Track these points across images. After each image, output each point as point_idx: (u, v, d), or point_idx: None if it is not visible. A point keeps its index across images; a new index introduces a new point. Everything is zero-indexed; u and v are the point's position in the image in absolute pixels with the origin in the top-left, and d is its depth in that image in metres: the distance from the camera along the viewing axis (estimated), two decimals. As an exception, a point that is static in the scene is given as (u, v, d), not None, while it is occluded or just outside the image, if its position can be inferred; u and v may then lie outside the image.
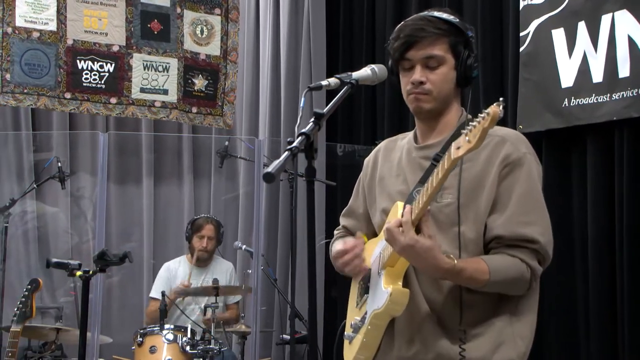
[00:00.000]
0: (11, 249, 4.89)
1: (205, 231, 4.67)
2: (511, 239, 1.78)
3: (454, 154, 1.57)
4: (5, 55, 4.75)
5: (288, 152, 1.62)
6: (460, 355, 1.76)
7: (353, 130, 5.22)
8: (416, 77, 1.85)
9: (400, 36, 1.87)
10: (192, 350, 3.88)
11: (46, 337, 3.99)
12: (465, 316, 1.79)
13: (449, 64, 1.86)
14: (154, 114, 5.24)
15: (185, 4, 5.28)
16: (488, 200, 1.79)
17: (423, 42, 1.84)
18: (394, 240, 1.72)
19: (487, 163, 1.81)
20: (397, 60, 1.89)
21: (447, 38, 1.85)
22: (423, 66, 1.85)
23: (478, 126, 1.51)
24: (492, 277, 1.74)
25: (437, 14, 1.87)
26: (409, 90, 1.88)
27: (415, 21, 1.87)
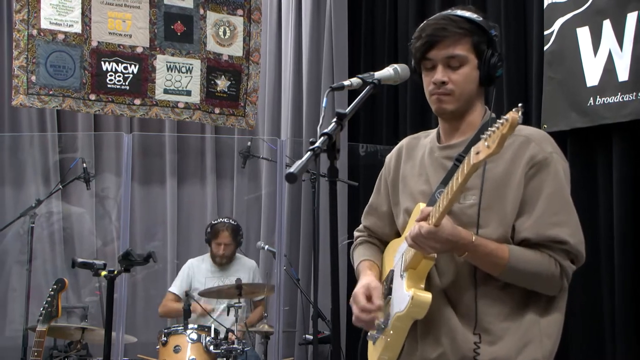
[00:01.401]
0: (37, 249, 4.94)
1: (221, 238, 4.68)
2: (540, 241, 1.76)
3: (473, 159, 1.56)
4: (30, 57, 4.81)
5: (310, 153, 1.62)
6: (475, 352, 1.74)
7: (375, 130, 5.21)
8: (438, 77, 1.83)
9: (422, 36, 1.85)
10: (216, 349, 3.90)
11: (72, 337, 4.02)
12: (486, 316, 1.78)
13: (471, 64, 1.84)
14: (177, 115, 5.27)
15: (208, 5, 5.31)
16: (514, 201, 1.77)
17: (445, 41, 1.82)
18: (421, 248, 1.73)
19: (512, 164, 1.79)
20: (419, 60, 1.88)
21: (470, 37, 1.83)
22: (445, 66, 1.83)
23: (497, 132, 1.49)
24: (511, 261, 1.73)
25: (460, 13, 1.85)
26: (431, 91, 1.86)
27: (437, 20, 1.85)
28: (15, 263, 5.10)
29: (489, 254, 1.73)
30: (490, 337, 1.77)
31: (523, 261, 1.74)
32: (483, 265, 1.76)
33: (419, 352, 1.86)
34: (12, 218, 4.60)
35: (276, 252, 4.66)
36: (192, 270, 4.76)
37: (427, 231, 1.69)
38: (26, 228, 4.52)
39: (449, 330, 1.80)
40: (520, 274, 1.75)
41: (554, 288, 1.80)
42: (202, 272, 4.74)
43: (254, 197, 5.86)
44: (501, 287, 1.79)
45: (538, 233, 1.76)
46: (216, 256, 4.70)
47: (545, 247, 1.76)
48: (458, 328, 1.79)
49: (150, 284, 5.61)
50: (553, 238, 1.75)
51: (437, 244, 1.70)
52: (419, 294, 1.76)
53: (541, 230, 1.75)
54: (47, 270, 5.24)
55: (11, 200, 5.24)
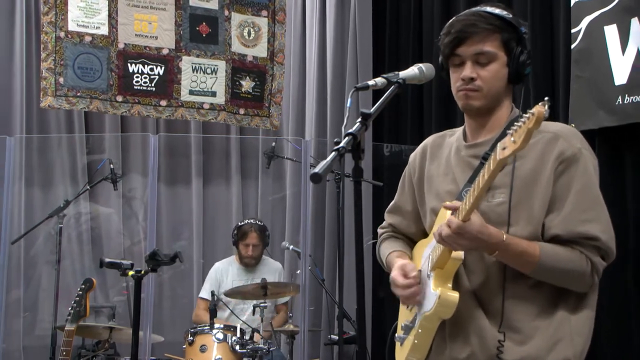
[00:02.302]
0: (66, 250, 5.00)
1: (250, 239, 4.69)
2: (570, 238, 1.75)
3: (499, 154, 1.54)
4: (58, 59, 4.88)
5: (335, 153, 1.62)
6: (499, 350, 1.73)
7: (400, 130, 5.19)
8: (466, 73, 1.82)
9: (451, 31, 1.84)
10: (242, 349, 3.92)
11: (100, 336, 4.06)
12: (515, 315, 1.76)
13: (500, 61, 1.82)
14: (202, 116, 5.31)
15: (233, 6, 5.33)
16: (544, 198, 1.76)
17: (474, 37, 1.81)
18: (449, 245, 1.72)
19: (540, 160, 1.77)
20: (448, 56, 1.87)
21: (499, 34, 1.82)
22: (474, 62, 1.82)
23: (523, 127, 1.48)
24: (542, 259, 1.71)
25: (490, 9, 1.84)
26: (459, 87, 1.85)
27: (467, 16, 1.84)
28: (46, 263, 5.16)
29: (520, 252, 1.72)
30: (520, 337, 1.76)
31: (554, 259, 1.72)
32: (514, 263, 1.75)
33: (447, 352, 1.85)
34: (41, 219, 4.65)
35: (301, 252, 4.66)
36: (219, 274, 4.77)
37: (456, 226, 1.67)
38: (57, 228, 4.57)
39: (477, 329, 1.79)
40: (551, 272, 1.74)
41: (585, 285, 1.78)
42: (229, 274, 4.75)
43: (279, 198, 5.87)
44: (531, 285, 1.77)
45: (568, 229, 1.74)
46: (244, 257, 4.71)
47: (576, 244, 1.74)
48: (487, 327, 1.78)
49: (176, 284, 5.65)
50: (584, 234, 1.73)
51: (465, 240, 1.69)
52: (446, 294, 1.75)
53: (571, 226, 1.74)
54: (75, 270, 5.30)
55: (40, 201, 5.30)
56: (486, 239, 1.69)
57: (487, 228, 1.69)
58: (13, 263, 4.90)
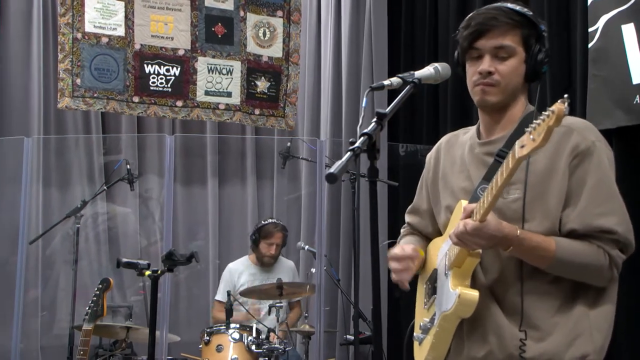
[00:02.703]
0: (83, 250, 5.03)
1: (274, 239, 4.70)
2: (587, 232, 1.73)
3: (518, 152, 1.53)
4: (75, 60, 4.92)
5: (350, 153, 1.62)
6: (521, 349, 1.72)
7: (415, 129, 5.18)
8: (484, 67, 1.81)
9: (471, 24, 1.84)
10: (258, 349, 3.92)
11: (117, 336, 4.09)
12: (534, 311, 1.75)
13: (519, 57, 1.82)
14: (218, 116, 5.33)
15: (248, 7, 5.35)
16: (559, 193, 1.75)
17: (494, 31, 1.81)
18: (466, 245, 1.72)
19: (555, 154, 1.76)
20: (466, 49, 1.86)
21: (520, 30, 1.81)
22: (492, 56, 1.81)
23: (543, 124, 1.47)
24: (558, 253, 1.70)
25: (511, 5, 1.83)
26: (476, 81, 1.84)
27: (488, 10, 1.84)
28: (63, 263, 5.19)
29: (535, 247, 1.71)
30: (538, 333, 1.75)
31: (570, 253, 1.71)
32: (530, 258, 1.74)
33: (465, 351, 1.84)
34: (59, 219, 4.69)
35: (316, 252, 4.66)
36: (233, 274, 4.78)
37: (472, 228, 1.67)
38: (74, 228, 4.60)
39: (495, 327, 1.78)
40: (568, 266, 1.72)
41: (604, 279, 1.76)
42: (243, 275, 4.76)
43: (294, 198, 5.87)
44: (549, 281, 1.76)
45: (585, 223, 1.73)
46: (265, 256, 4.72)
47: (593, 238, 1.73)
48: (505, 325, 1.77)
49: (192, 284, 5.67)
50: (600, 228, 1.72)
51: (482, 240, 1.69)
52: (466, 292, 1.75)
53: (588, 220, 1.73)
54: (93, 270, 5.32)
55: (58, 202, 5.34)
56: (501, 236, 1.69)
57: (502, 225, 1.69)
58: (31, 263, 4.93)
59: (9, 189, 4.96)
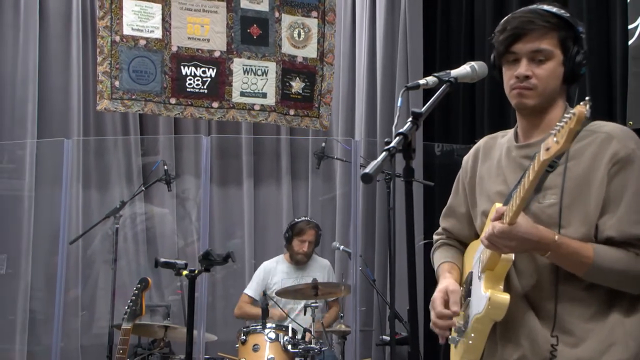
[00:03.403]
0: (122, 249, 5.09)
1: (307, 236, 4.71)
2: (624, 240, 1.71)
3: (543, 155, 1.52)
4: (114, 63, 4.99)
5: (386, 153, 1.62)
6: (552, 355, 1.70)
7: (451, 129, 5.14)
8: (521, 70, 1.79)
9: (507, 28, 1.82)
10: (294, 349, 3.93)
11: (155, 335, 4.13)
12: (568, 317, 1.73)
13: (556, 59, 1.79)
14: (253, 117, 5.36)
15: (283, 8, 5.37)
16: (597, 200, 1.72)
17: (531, 35, 1.79)
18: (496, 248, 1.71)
19: (594, 161, 1.74)
20: (502, 53, 1.84)
21: (557, 32, 1.79)
22: (529, 60, 1.79)
23: (565, 127, 1.45)
24: (596, 260, 1.68)
25: (547, 8, 1.81)
26: (513, 85, 1.82)
27: (524, 13, 1.82)
28: (103, 262, 5.26)
29: (572, 253, 1.69)
30: (572, 339, 1.73)
31: (608, 260, 1.69)
32: (567, 264, 1.72)
33: (499, 354, 1.83)
34: (99, 219, 4.76)
35: (351, 252, 4.66)
36: (268, 272, 4.80)
37: (499, 230, 1.66)
38: (113, 228, 4.67)
39: (528, 332, 1.77)
40: (605, 273, 1.70)
41: None
42: (277, 273, 4.78)
43: (329, 198, 5.88)
44: (584, 287, 1.74)
45: (622, 231, 1.70)
46: (297, 254, 4.73)
47: (631, 246, 1.70)
48: (538, 330, 1.75)
49: (229, 284, 5.71)
50: (638, 236, 1.70)
51: (512, 242, 1.67)
52: (497, 295, 1.73)
53: (625, 228, 1.70)
54: (131, 270, 5.38)
55: (97, 202, 5.41)
56: (535, 240, 1.67)
57: (536, 229, 1.67)
58: (71, 263, 5.02)
59: (49, 190, 5.05)
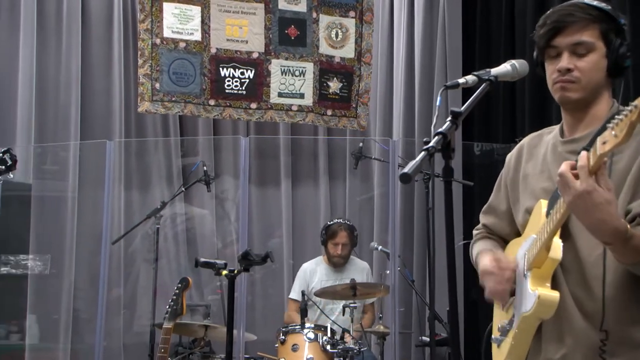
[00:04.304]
0: (162, 249, 5.15)
1: (339, 238, 4.70)
2: None
3: (599, 149, 1.48)
4: (154, 65, 5.06)
5: (425, 152, 1.60)
6: (601, 350, 1.67)
7: (491, 128, 5.09)
8: (563, 64, 1.77)
9: (547, 22, 1.80)
10: (333, 349, 3.93)
11: (195, 334, 4.17)
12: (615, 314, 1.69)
13: (599, 52, 1.77)
14: (291, 118, 5.38)
15: (321, 8, 5.38)
16: (627, 192, 1.69)
17: (572, 27, 1.77)
18: (566, 186, 1.56)
19: (633, 158, 1.71)
20: (543, 48, 1.82)
21: (598, 24, 1.77)
22: (571, 53, 1.77)
23: (625, 120, 1.41)
24: None
25: (587, 1, 1.79)
26: (555, 79, 1.80)
27: (564, 7, 1.80)
28: (144, 262, 5.33)
29: (637, 246, 1.60)
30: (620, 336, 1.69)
31: None
32: (625, 256, 1.63)
33: (542, 353, 1.81)
34: (140, 219, 4.82)
35: (390, 253, 4.64)
36: (308, 274, 4.81)
37: (583, 166, 1.52)
38: (154, 228, 4.73)
39: (572, 329, 1.75)
40: None
41: None
42: (317, 275, 4.78)
43: (367, 198, 5.86)
44: (632, 284, 1.70)
45: None
46: (333, 257, 4.73)
47: None
48: (583, 328, 1.73)
49: (267, 283, 5.73)
50: None
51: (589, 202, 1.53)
52: (546, 293, 1.71)
53: None
54: (172, 269, 5.44)
55: (138, 203, 5.48)
56: (608, 220, 1.55)
57: (614, 207, 1.56)
58: (113, 263, 5.09)
59: (92, 191, 5.14)
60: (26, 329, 4.95)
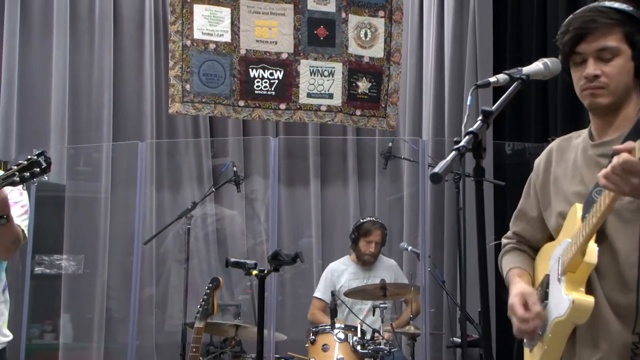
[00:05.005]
0: (193, 249, 5.19)
1: (373, 236, 4.69)
2: None
3: (638, 152, 1.46)
4: (185, 67, 5.11)
5: (455, 152, 1.60)
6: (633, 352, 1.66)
7: (523, 127, 5.03)
8: (589, 71, 1.76)
9: (570, 29, 1.80)
10: (363, 350, 3.92)
11: (226, 334, 4.19)
12: None
13: (624, 55, 1.76)
14: (320, 118, 5.39)
15: (350, 8, 5.38)
16: None
17: (595, 33, 1.76)
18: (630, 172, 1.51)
19: None
20: (568, 54, 1.82)
21: (621, 27, 1.75)
22: (596, 59, 1.76)
23: None
24: None
25: (609, 4, 1.78)
26: (583, 86, 1.79)
27: (585, 12, 1.79)
28: (175, 262, 5.37)
29: None
30: None
31: None
32: None
33: (576, 358, 1.79)
34: (171, 220, 4.87)
35: (420, 253, 4.62)
36: (335, 274, 4.80)
37: (626, 162, 1.48)
38: (185, 228, 4.77)
39: (607, 334, 1.73)
40: None
41: None
42: (344, 274, 4.78)
43: (396, 198, 5.84)
44: None
45: None
46: (364, 255, 4.72)
47: None
48: (618, 332, 1.71)
49: (297, 283, 5.74)
50: None
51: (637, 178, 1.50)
52: (581, 298, 1.69)
53: None
54: (202, 269, 5.47)
55: (169, 203, 5.53)
56: None
57: None
58: (145, 262, 5.14)
59: (124, 191, 5.20)
60: (60, 329, 5.03)
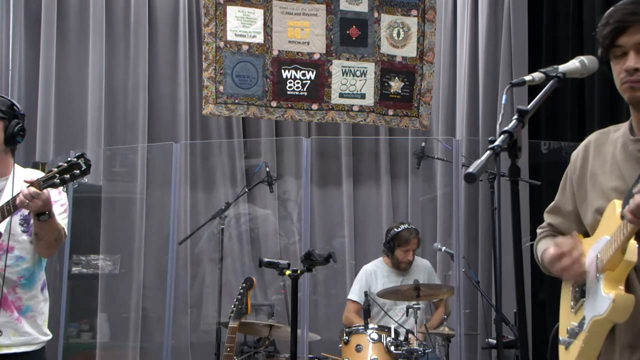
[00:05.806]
0: (227, 249, 5.22)
1: (410, 246, 4.66)
2: None
3: None
4: (218, 68, 5.15)
5: (490, 151, 1.59)
6: None
7: (559, 126, 4.97)
8: (630, 64, 1.74)
9: (610, 22, 1.78)
10: (397, 350, 3.91)
11: (260, 333, 4.22)
12: None
13: None
14: (352, 118, 5.38)
15: (382, 8, 5.37)
16: None
17: (635, 26, 1.74)
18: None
19: None
20: (608, 47, 1.79)
21: None
22: (637, 52, 1.74)
23: None
24: None
25: None
26: (623, 79, 1.77)
27: (626, 5, 1.77)
28: (209, 261, 5.42)
29: None
30: None
31: None
32: None
33: (616, 357, 1.77)
34: (205, 220, 4.91)
35: (454, 254, 4.58)
36: (369, 276, 4.78)
37: None
38: (219, 228, 4.80)
39: None
40: None
41: None
42: (378, 276, 4.76)
43: (429, 198, 5.81)
44: None
45: None
46: (401, 262, 4.68)
47: None
48: None
49: (330, 284, 5.74)
50: None
51: None
52: (622, 296, 1.67)
53: None
54: (236, 269, 5.51)
55: (203, 203, 5.59)
56: None
57: None
58: (180, 262, 5.19)
59: (159, 192, 5.26)
60: (97, 328, 5.10)
